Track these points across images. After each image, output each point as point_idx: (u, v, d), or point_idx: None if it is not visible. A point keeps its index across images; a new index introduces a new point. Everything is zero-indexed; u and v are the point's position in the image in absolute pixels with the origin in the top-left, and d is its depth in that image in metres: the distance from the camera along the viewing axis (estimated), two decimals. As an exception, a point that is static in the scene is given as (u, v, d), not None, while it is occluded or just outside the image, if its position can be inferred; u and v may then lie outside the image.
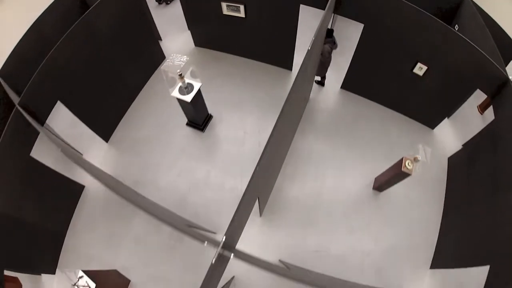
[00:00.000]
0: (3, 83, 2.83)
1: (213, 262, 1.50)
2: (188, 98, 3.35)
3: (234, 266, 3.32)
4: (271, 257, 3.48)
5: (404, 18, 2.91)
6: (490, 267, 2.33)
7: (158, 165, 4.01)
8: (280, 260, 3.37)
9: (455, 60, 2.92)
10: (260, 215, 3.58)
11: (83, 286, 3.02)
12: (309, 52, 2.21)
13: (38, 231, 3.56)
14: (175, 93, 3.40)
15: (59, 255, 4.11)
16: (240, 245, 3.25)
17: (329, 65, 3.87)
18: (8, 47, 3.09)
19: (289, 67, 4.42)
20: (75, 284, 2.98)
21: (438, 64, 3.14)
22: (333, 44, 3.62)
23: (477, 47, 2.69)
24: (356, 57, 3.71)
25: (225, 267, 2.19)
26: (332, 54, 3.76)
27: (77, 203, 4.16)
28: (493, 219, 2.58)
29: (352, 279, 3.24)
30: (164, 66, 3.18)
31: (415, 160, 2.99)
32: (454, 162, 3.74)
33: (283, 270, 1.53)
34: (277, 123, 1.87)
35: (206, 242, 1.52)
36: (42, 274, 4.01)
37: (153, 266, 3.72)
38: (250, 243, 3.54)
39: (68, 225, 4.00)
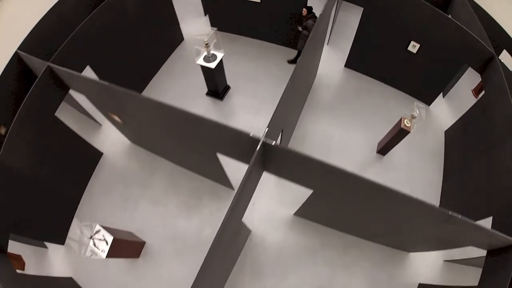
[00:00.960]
0: (24, 54, 3.03)
1: (257, 149, 1.76)
2: (212, 65, 3.72)
3: (251, 223, 3.51)
4: (286, 210, 3.69)
5: (398, 2, 3.40)
6: (492, 218, 2.57)
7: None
8: (294, 214, 3.57)
9: (444, 38, 3.36)
10: None
11: (100, 239, 3.09)
12: (314, 31, 2.61)
13: (51, 196, 3.68)
14: (200, 61, 3.77)
15: (70, 224, 4.16)
16: (258, 193, 3.42)
17: None
18: (30, 24, 3.25)
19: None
20: (91, 237, 3.05)
21: (429, 42, 3.60)
22: (315, 18, 4.09)
23: (463, 26, 3.10)
24: (357, 38, 4.20)
25: (259, 177, 2.43)
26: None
27: (94, 169, 4.31)
28: (489, 173, 2.91)
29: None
30: (194, 35, 3.58)
31: (412, 117, 3.38)
32: (450, 133, 4.12)
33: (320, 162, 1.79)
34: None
35: (251, 133, 1.80)
36: (49, 249, 4.04)
37: (170, 227, 3.85)
38: (268, 195, 3.79)
39: (83, 192, 4.11)
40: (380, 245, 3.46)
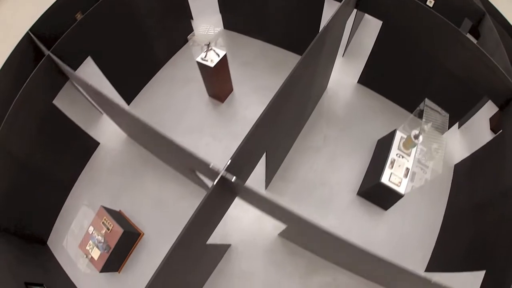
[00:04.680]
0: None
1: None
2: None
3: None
4: (351, 80, 4.26)
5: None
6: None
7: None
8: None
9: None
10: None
11: (214, 51, 3.64)
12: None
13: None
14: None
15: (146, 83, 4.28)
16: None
17: None
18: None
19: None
20: (209, 45, 3.58)
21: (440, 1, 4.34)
22: None
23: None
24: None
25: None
26: None
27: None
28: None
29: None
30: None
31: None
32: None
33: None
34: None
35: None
36: (103, 115, 4.31)
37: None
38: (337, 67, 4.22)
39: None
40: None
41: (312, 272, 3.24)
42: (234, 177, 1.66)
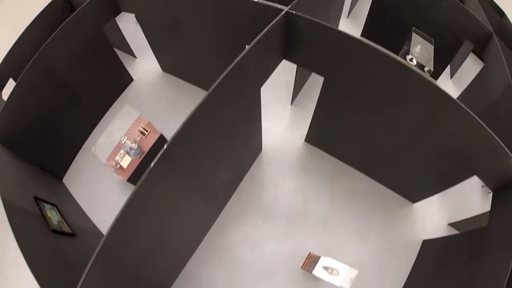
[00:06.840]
0: None
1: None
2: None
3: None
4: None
5: None
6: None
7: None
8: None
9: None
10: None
11: None
12: None
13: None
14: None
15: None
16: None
17: None
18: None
19: None
20: None
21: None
22: None
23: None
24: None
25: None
26: None
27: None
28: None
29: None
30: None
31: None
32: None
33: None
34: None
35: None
36: (137, 58, 4.78)
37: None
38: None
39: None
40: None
41: (337, 177, 3.55)
42: (295, 11, 2.09)
